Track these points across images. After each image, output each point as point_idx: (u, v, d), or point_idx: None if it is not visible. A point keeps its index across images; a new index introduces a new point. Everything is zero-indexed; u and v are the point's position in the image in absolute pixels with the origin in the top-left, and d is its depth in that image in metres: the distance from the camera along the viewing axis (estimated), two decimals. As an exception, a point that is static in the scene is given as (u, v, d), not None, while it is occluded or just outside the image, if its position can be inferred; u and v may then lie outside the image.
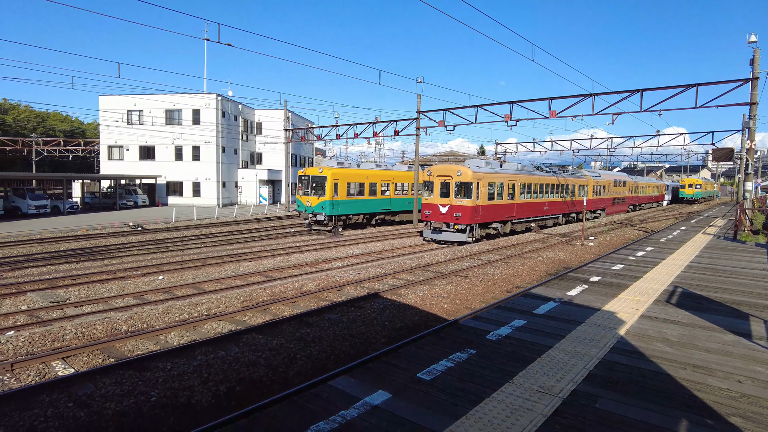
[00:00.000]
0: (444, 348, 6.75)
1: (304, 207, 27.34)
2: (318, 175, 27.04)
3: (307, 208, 27.19)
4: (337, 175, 26.87)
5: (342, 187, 27.05)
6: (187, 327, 10.07)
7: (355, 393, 5.13)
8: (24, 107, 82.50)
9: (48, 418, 6.24)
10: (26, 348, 8.73)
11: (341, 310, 11.52)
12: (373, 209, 29.78)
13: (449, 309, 12.17)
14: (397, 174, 32.64)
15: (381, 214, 31.06)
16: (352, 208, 28.16)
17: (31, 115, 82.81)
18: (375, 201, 29.76)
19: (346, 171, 27.84)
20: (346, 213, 27.76)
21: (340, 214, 27.23)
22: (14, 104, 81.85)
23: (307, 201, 27.19)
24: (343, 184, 27.12)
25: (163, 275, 15.26)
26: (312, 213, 26.94)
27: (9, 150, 61.55)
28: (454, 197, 21.86)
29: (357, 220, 29.05)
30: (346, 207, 27.60)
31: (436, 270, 16.42)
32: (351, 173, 28.23)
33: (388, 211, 31.29)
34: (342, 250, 21.11)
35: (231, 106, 44.34)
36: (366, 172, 29.47)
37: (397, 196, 32.17)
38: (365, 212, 29.37)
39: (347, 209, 27.76)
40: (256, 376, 7.82)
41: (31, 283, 13.83)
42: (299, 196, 28.03)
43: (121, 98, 42.51)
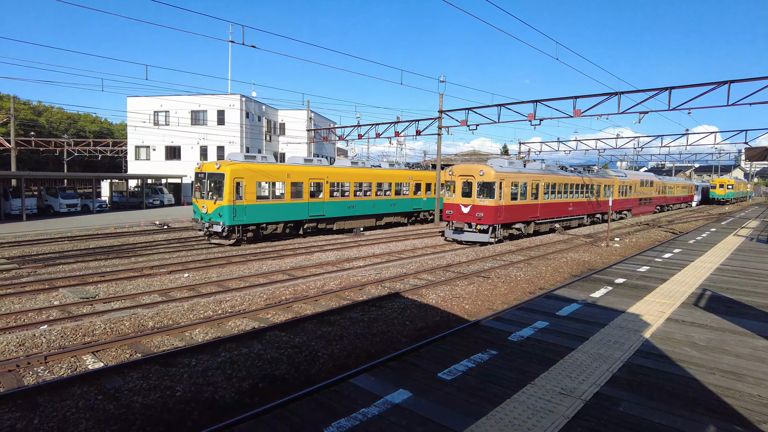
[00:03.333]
0: (465, 348, 6.73)
1: (200, 214, 21.59)
2: (215, 172, 21.03)
3: (202, 215, 21.37)
4: (240, 172, 20.94)
5: (249, 187, 21.18)
6: (211, 324, 10.26)
7: (376, 391, 5.17)
8: (56, 109, 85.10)
9: (79, 410, 6.44)
10: (59, 342, 9.02)
11: (362, 309, 11.57)
12: (298, 215, 23.69)
13: (471, 310, 12.12)
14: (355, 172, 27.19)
15: (313, 222, 24.99)
16: (266, 215, 22.20)
17: (63, 117, 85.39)
18: (301, 205, 23.70)
19: (254, 167, 21.72)
20: (257, 221, 21.85)
21: (247, 223, 21.44)
22: (47, 106, 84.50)
23: (202, 206, 21.38)
24: (251, 183, 21.27)
25: (188, 273, 15.57)
26: (208, 221, 21.09)
27: (42, 150, 63.53)
28: (477, 197, 21.73)
29: (274, 229, 23.12)
30: (255, 214, 21.65)
31: (458, 270, 16.35)
32: (263, 170, 22.06)
33: (321, 218, 25.10)
34: (363, 249, 21.18)
35: (255, 106, 44.94)
36: (288, 168, 23.52)
37: (358, 198, 27.12)
38: (287, 219, 23.31)
39: (258, 216, 21.80)
40: (278, 373, 7.92)
41: (62, 279, 14.26)
42: (195, 199, 22.18)
43: (148, 99, 43.48)
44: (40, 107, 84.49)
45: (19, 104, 62.63)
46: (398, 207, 30.35)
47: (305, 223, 24.55)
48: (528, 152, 54.43)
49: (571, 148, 48.97)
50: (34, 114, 79.08)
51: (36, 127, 70.92)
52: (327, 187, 25.13)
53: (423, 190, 32.43)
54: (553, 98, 25.60)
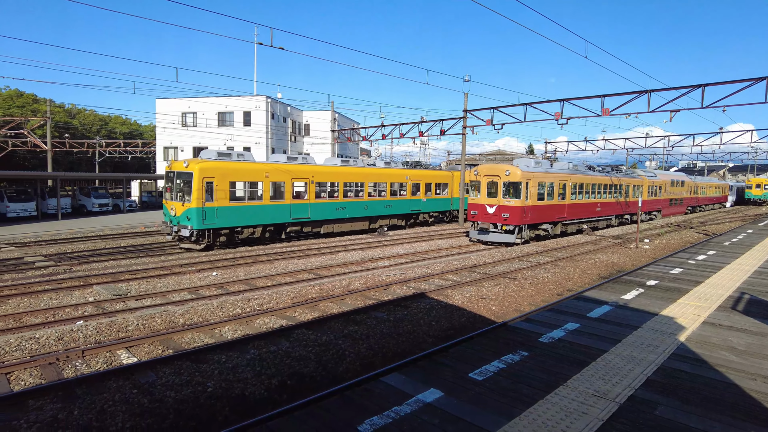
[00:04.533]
0: (495, 349, 6.68)
1: (169, 216, 20.11)
2: (183, 172, 19.44)
3: (172, 217, 19.87)
4: (211, 171, 19.29)
5: (221, 187, 19.53)
6: (240, 321, 10.41)
7: (407, 390, 5.17)
8: (89, 111, 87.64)
9: (116, 403, 6.61)
10: (94, 337, 9.28)
11: (388, 309, 11.58)
12: (279, 218, 21.96)
13: (497, 311, 12.00)
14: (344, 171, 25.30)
15: (296, 225, 23.08)
16: (241, 218, 20.49)
17: (95, 119, 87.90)
18: (282, 207, 21.97)
19: (227, 165, 20.05)
20: (230, 225, 20.17)
21: (219, 226, 19.75)
22: (81, 109, 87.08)
23: (171, 208, 19.85)
24: (223, 183, 19.60)
25: (216, 271, 15.84)
26: (177, 225, 19.61)
27: (76, 152, 65.52)
28: (502, 197, 21.51)
29: (251, 233, 21.34)
30: (228, 216, 19.92)
31: (484, 271, 16.22)
32: (237, 168, 20.39)
33: (306, 221, 23.25)
34: (387, 249, 21.19)
35: (280, 107, 45.44)
36: (266, 166, 21.64)
37: (348, 199, 25.26)
38: (266, 223, 21.57)
39: (231, 219, 20.09)
40: (306, 371, 7.99)
41: (96, 277, 14.67)
42: (165, 200, 20.72)
43: (176, 101, 44.39)
44: (73, 110, 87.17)
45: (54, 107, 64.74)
46: (394, 209, 28.36)
47: (288, 227, 22.71)
48: (554, 152, 53.64)
49: (598, 147, 48.04)
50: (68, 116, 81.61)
51: (70, 129, 73.20)
52: (312, 187, 23.23)
53: (422, 191, 30.38)
54: (580, 97, 25.18)
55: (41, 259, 17.91)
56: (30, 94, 77.83)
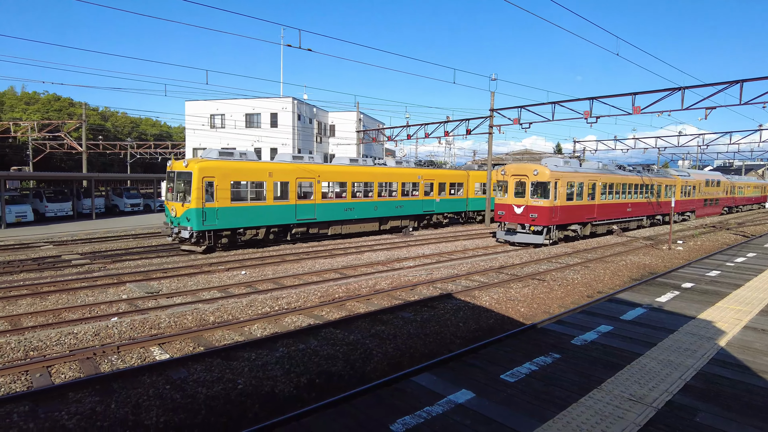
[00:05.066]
0: (526, 351, 6.58)
1: (170, 217, 19.75)
2: (183, 171, 19.01)
3: (172, 218, 19.48)
4: (211, 171, 18.78)
5: (222, 188, 18.99)
6: (269, 320, 10.53)
7: (438, 390, 5.13)
8: (121, 114, 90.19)
9: (150, 398, 6.76)
10: (129, 333, 9.52)
11: (414, 309, 11.55)
12: (284, 219, 21.31)
13: (526, 313, 11.84)
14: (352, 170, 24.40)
15: (302, 226, 22.32)
16: (244, 219, 19.92)
17: (127, 121, 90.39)
18: (287, 208, 21.27)
19: (228, 165, 19.44)
20: (232, 226, 19.62)
21: (220, 227, 19.25)
22: (113, 111, 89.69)
23: (172, 209, 19.48)
24: (224, 183, 19.05)
25: (245, 270, 16.06)
26: (177, 226, 19.21)
27: (108, 153, 67.48)
28: (530, 197, 21.21)
29: (255, 235, 20.76)
30: (230, 217, 19.39)
31: (511, 272, 16.02)
32: (239, 168, 19.75)
33: (312, 222, 22.53)
34: (413, 249, 21.14)
35: (306, 109, 45.85)
36: (270, 166, 20.94)
37: (357, 199, 24.53)
38: (270, 224, 20.94)
39: (233, 220, 19.55)
40: (334, 370, 8.02)
41: (129, 275, 15.06)
42: (167, 201, 20.28)
43: (205, 103, 45.22)
44: (106, 112, 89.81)
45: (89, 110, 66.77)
46: (406, 209, 27.39)
47: (293, 228, 21.97)
48: (583, 151, 52.64)
49: (628, 146, 46.91)
50: (102, 119, 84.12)
51: (103, 132, 75.44)
52: (318, 188, 22.50)
53: (436, 191, 29.39)
54: (610, 95, 24.64)
55: (77, 257, 18.49)
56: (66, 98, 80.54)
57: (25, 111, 73.15)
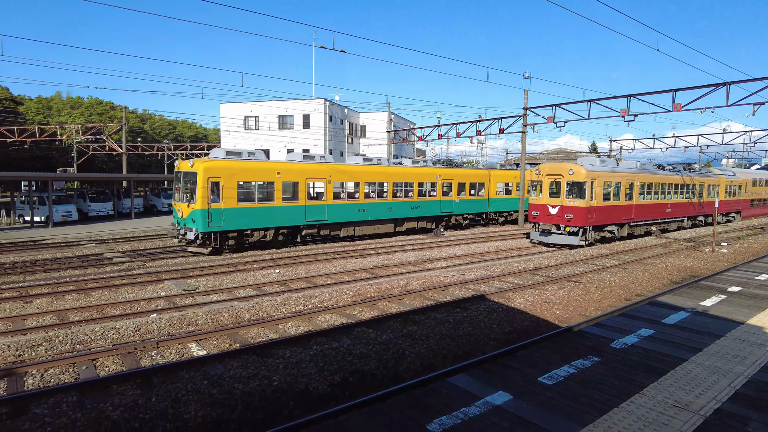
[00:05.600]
0: (563, 354, 6.43)
1: (177, 218, 19.45)
2: (188, 172, 18.63)
3: (179, 220, 19.21)
4: (216, 171, 18.37)
5: (228, 188, 18.55)
6: (302, 318, 10.64)
7: (474, 391, 5.07)
8: (159, 117, 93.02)
9: (188, 392, 6.92)
10: (167, 329, 9.78)
11: (447, 310, 11.46)
12: (293, 220, 20.75)
13: (562, 315, 11.59)
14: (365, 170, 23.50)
15: (312, 228, 21.71)
16: (251, 220, 19.42)
17: (164, 123, 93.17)
18: (296, 209, 20.68)
19: (234, 165, 19.01)
20: (238, 227, 19.15)
21: (227, 229, 18.79)
22: (151, 114, 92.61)
23: (179, 210, 19.17)
24: (230, 184, 18.63)
25: (279, 269, 16.29)
26: (183, 227, 18.88)
27: (147, 154, 69.67)
28: (566, 197, 20.77)
29: (263, 236, 20.26)
30: (236, 219, 18.92)
31: (546, 274, 15.72)
32: (246, 168, 19.31)
33: (323, 223, 21.89)
34: (444, 250, 21.00)
35: (338, 110, 46.23)
36: (278, 166, 20.46)
37: (370, 200, 23.68)
38: (279, 225, 20.40)
39: (240, 221, 19.07)
40: (367, 369, 8.03)
41: (167, 273, 15.48)
42: (174, 202, 20.02)
43: (240, 105, 46.16)
44: (145, 115, 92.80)
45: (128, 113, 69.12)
46: (422, 210, 26.42)
47: (303, 230, 21.40)
48: (619, 150, 51.21)
49: (668, 145, 45.35)
50: (141, 122, 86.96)
51: (141, 134, 77.97)
52: (329, 188, 21.84)
53: (455, 191, 28.34)
54: (649, 92, 23.87)
55: (118, 255, 19.14)
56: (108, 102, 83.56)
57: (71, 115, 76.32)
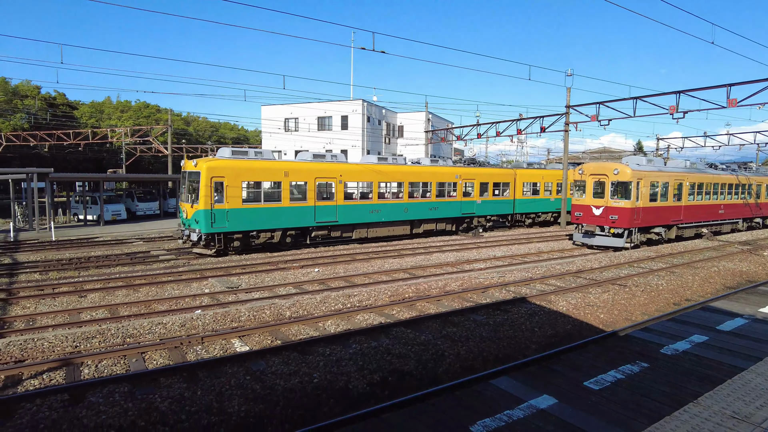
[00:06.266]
0: (609, 358, 6.22)
1: (183, 219, 19.16)
2: (192, 171, 18.36)
3: (184, 220, 18.90)
4: (220, 171, 17.97)
5: (233, 188, 18.15)
6: (341, 316, 10.72)
7: (518, 394, 4.98)
8: (202, 119, 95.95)
9: (231, 387, 7.09)
10: (211, 325, 10.05)
11: (486, 312, 11.30)
12: (301, 221, 20.16)
13: (606, 319, 11.23)
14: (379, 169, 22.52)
15: (322, 229, 21.08)
16: (257, 221, 18.90)
17: (207, 126, 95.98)
18: (305, 209, 20.03)
19: (239, 164, 18.54)
20: (244, 228, 18.66)
21: (231, 230, 18.36)
22: (195, 117, 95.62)
23: (184, 210, 18.90)
24: (235, 183, 18.20)
25: (318, 268, 16.49)
26: (188, 227, 18.64)
27: (190, 156, 72.03)
28: (610, 198, 20.13)
29: (269, 238, 19.67)
30: (241, 219, 18.44)
31: (590, 277, 15.28)
32: (251, 167, 18.77)
33: (333, 225, 21.23)
34: (483, 251, 20.74)
35: (375, 110, 46.43)
36: (285, 165, 19.81)
37: (384, 200, 22.77)
38: (286, 226, 19.81)
39: (245, 222, 18.58)
40: (407, 369, 8.01)
41: (210, 270, 15.93)
42: (181, 202, 19.62)
43: (280, 107, 47.02)
44: (189, 117, 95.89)
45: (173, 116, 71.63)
46: (441, 211, 25.34)
47: (312, 231, 20.77)
48: (667, 149, 49.20)
49: (720, 143, 43.22)
50: (185, 124, 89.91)
51: (186, 136, 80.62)
52: (340, 188, 21.08)
53: (477, 191, 27.14)
54: (700, 88, 22.85)
55: (164, 252, 19.83)
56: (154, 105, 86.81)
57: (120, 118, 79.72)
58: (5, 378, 7.39)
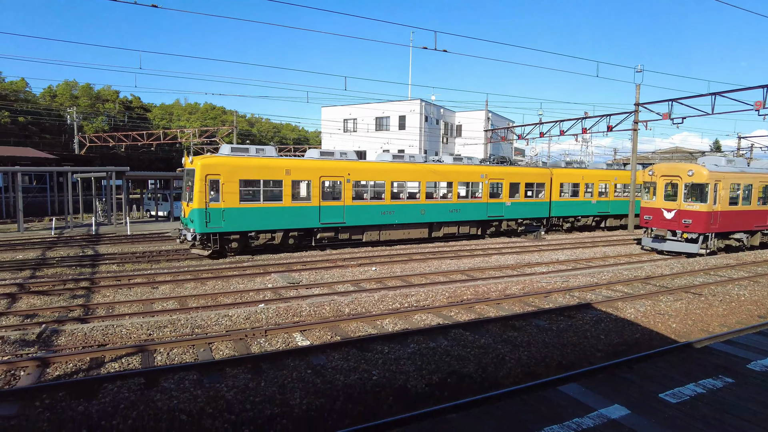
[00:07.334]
0: (687, 371, 5.82)
1: (182, 218, 18.72)
2: (189, 169, 17.80)
3: (183, 219, 18.54)
4: (215, 168, 17.30)
5: (229, 186, 17.41)
6: (399, 315, 10.72)
7: (587, 402, 4.75)
8: (265, 120, 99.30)
9: (294, 380, 7.25)
10: (274, 319, 10.35)
11: (549, 317, 10.94)
12: (304, 222, 19.26)
13: (679, 329, 10.57)
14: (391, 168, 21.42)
15: (328, 231, 20.15)
16: (255, 221, 18.14)
17: (270, 127, 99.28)
18: (308, 210, 19.20)
19: (236, 161, 17.76)
20: (241, 229, 17.97)
21: (227, 230, 17.69)
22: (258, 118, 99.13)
23: (184, 209, 18.46)
24: (231, 182, 17.45)
25: (375, 266, 16.60)
26: (185, 227, 18.17)
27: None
28: (683, 200, 18.92)
29: (269, 239, 18.93)
30: (239, 219, 17.73)
31: (660, 284, 14.44)
32: (249, 165, 17.99)
33: (341, 226, 20.22)
34: (545, 254, 20.10)
35: (433, 110, 46.22)
36: (287, 163, 18.89)
37: (398, 201, 21.54)
38: (288, 227, 19.02)
39: (243, 223, 17.86)
40: (466, 372, 7.88)
41: (273, 266, 16.42)
42: (183, 201, 19.03)
43: (339, 108, 47.84)
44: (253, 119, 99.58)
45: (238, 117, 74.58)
46: (464, 214, 23.53)
47: (318, 233, 19.87)
48: (750, 148, 45.64)
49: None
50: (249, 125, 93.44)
51: (249, 136, 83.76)
52: (348, 187, 20.01)
53: (505, 192, 24.98)
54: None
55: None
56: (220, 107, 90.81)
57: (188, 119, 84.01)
58: (90, 360, 7.96)
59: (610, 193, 29.77)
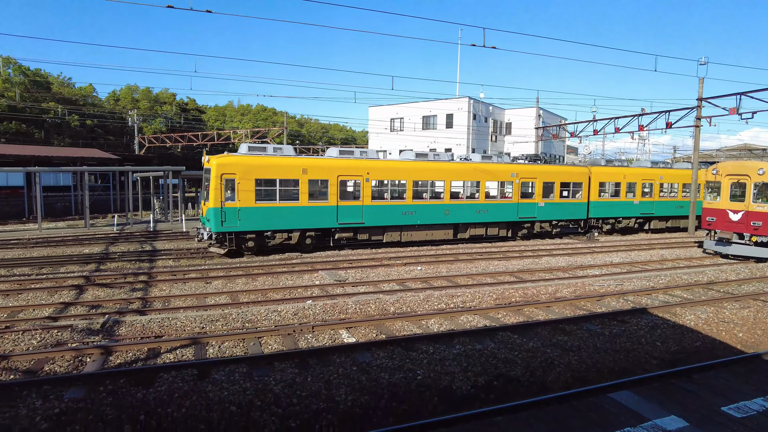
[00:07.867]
0: (755, 383, 5.46)
1: (201, 217, 18.95)
2: (207, 167, 18.02)
3: (201, 217, 18.79)
4: (231, 167, 17.31)
5: (245, 185, 17.40)
6: (444, 316, 10.64)
7: (640, 411, 4.55)
8: (314, 121, 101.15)
9: (339, 376, 7.35)
10: (321, 315, 10.52)
11: (601, 321, 10.54)
12: (322, 222, 19.08)
13: (746, 339, 9.92)
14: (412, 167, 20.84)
15: (347, 231, 19.95)
16: (272, 221, 18.07)
17: (318, 127, 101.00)
18: (326, 209, 18.98)
19: (252, 160, 17.76)
20: (257, 228, 17.91)
21: (243, 230, 17.68)
22: (307, 119, 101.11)
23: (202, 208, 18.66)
24: (247, 181, 17.44)
25: (421, 266, 16.56)
26: (203, 225, 18.36)
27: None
28: (752, 201, 17.74)
29: (286, 239, 18.81)
30: (254, 219, 17.71)
31: (724, 290, 13.61)
32: (265, 164, 17.91)
33: (359, 227, 19.94)
34: (598, 257, 19.39)
35: (482, 108, 45.53)
36: (303, 162, 18.74)
37: (421, 201, 20.91)
38: (305, 227, 18.85)
39: (259, 222, 17.82)
40: (513, 375, 7.72)
41: (320, 264, 16.70)
42: (202, 200, 19.21)
43: (386, 108, 47.98)
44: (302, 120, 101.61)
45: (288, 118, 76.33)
46: (492, 215, 22.59)
47: (335, 233, 19.69)
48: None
49: None
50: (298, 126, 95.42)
51: (299, 137, 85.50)
52: (367, 186, 19.65)
53: (538, 192, 23.82)
54: None
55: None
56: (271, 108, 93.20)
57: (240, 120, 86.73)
58: (147, 350, 8.37)
59: (655, 193, 27.77)
